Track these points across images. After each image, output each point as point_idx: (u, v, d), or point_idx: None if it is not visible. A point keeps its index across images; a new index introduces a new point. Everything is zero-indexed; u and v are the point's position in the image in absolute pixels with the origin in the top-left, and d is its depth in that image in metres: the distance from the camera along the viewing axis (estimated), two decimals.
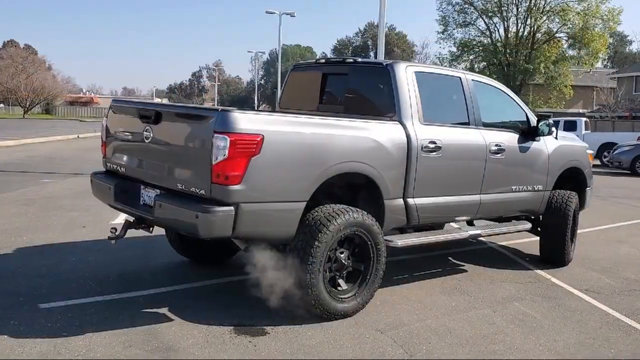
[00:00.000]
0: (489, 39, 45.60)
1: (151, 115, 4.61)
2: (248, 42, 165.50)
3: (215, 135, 4.08)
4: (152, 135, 4.63)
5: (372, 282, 4.91)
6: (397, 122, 5.16)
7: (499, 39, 45.28)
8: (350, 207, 4.73)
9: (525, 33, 44.14)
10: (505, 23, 44.78)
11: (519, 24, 44.40)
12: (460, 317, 5.01)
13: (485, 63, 46.18)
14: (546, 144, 6.59)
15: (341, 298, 4.72)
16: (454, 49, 46.36)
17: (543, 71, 42.51)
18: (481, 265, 6.78)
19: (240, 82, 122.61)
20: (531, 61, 42.92)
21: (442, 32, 45.67)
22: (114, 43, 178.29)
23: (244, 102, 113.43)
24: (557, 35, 44.11)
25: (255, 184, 4.18)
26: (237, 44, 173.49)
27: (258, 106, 67.92)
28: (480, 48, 45.64)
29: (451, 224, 6.81)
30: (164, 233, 6.05)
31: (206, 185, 4.17)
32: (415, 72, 5.42)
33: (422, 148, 5.22)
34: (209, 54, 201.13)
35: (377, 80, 5.48)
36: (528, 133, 6.41)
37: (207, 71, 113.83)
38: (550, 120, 6.41)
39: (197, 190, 4.25)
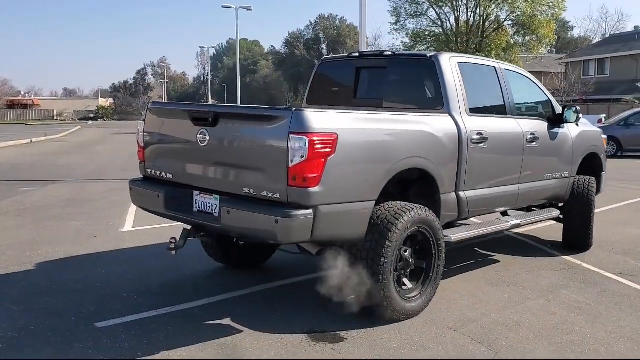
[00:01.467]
0: (440, 28, 46.19)
1: (208, 117, 4.36)
2: (192, 38, 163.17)
3: (292, 136, 3.88)
4: (208, 138, 4.38)
5: (434, 280, 4.81)
6: (447, 115, 5.07)
7: (451, 29, 45.92)
8: (414, 204, 4.62)
9: (476, 22, 44.88)
10: (456, 12, 45.47)
11: (469, 13, 45.20)
12: (519, 309, 4.97)
13: None
14: (570, 131, 6.64)
15: (409, 297, 4.62)
16: (407, 40, 46.80)
17: (495, 58, 43.29)
18: (509, 254, 6.78)
19: (186, 79, 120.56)
20: (482, 49, 43.68)
21: (395, 24, 45.97)
22: (50, 42, 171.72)
23: (192, 98, 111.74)
24: (506, 22, 45.03)
25: (331, 185, 4.01)
26: (181, 40, 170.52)
27: (206, 102, 66.95)
28: (433, 38, 46.17)
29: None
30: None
31: (281, 189, 3.97)
32: (458, 62, 5.35)
33: (471, 140, 5.15)
34: (153, 52, 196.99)
35: (420, 72, 5.38)
36: (554, 120, 6.43)
37: (152, 68, 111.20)
38: (578, 107, 6.45)
39: (269, 195, 4.04)
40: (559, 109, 6.50)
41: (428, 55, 5.32)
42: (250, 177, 4.20)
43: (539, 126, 6.17)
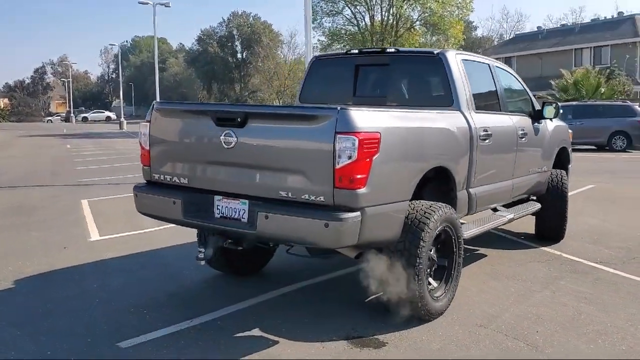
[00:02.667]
0: (356, 27, 46.88)
1: (236, 117, 4.11)
2: (94, 36, 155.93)
3: (339, 136, 3.73)
4: (235, 139, 4.13)
5: (456, 278, 4.81)
6: (458, 112, 5.08)
7: (366, 27, 46.71)
8: (439, 203, 4.59)
9: (390, 21, 45.92)
10: (371, 12, 46.30)
11: (383, 12, 46.18)
12: (532, 302, 5.07)
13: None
14: (547, 127, 6.87)
15: (436, 297, 4.59)
16: (324, 38, 47.17)
17: None
18: (491, 248, 6.93)
19: (88, 77, 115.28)
20: None
21: (312, 22, 46.05)
22: None
23: (98, 98, 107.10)
24: (417, 22, 46.38)
25: (375, 186, 3.91)
26: (82, 37, 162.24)
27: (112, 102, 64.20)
28: (349, 36, 46.79)
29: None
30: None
31: (326, 191, 3.81)
32: (462, 59, 5.39)
33: (479, 137, 5.20)
34: (53, 49, 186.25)
35: (427, 69, 5.37)
36: (534, 116, 6.63)
37: (52, 67, 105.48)
38: (558, 104, 6.68)
39: (312, 197, 3.86)
40: (538, 105, 6.71)
41: (435, 52, 5.31)
42: (287, 180, 4.00)
43: (525, 122, 6.35)
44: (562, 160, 7.62)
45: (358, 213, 3.80)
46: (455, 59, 5.25)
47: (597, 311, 4.86)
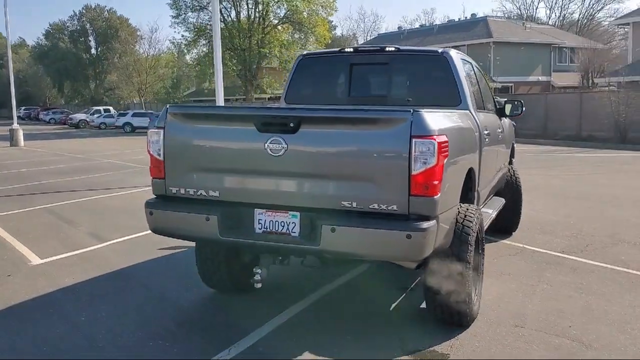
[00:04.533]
0: (222, 23, 45.87)
1: (288, 122, 3.70)
2: None
3: (415, 140, 3.49)
4: (286, 147, 3.72)
5: (482, 279, 4.77)
6: (467, 111, 5.03)
7: (232, 24, 45.94)
8: (471, 205, 4.50)
9: (257, 18, 45.54)
10: (237, 8, 45.62)
11: (249, 9, 45.69)
12: (542, 296, 5.15)
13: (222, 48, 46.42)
14: (507, 124, 7.09)
15: (473, 301, 4.50)
16: (188, 34, 45.70)
17: (278, 55, 44.54)
18: None
19: None
20: (265, 45, 44.57)
21: (177, 17, 44.57)
22: None
23: None
24: (284, 20, 46.47)
25: (444, 191, 3.73)
26: None
27: None
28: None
29: None
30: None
31: (399, 199, 3.56)
32: (461, 58, 5.35)
33: (483, 136, 5.20)
34: None
35: (433, 68, 5.25)
36: (499, 114, 6.80)
37: None
38: (522, 101, 6.90)
39: (383, 207, 3.58)
40: (500, 103, 6.89)
41: (439, 51, 5.21)
42: (351, 189, 3.67)
43: (497, 119, 6.48)
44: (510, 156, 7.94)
45: (434, 221, 3.59)
46: (457, 58, 5.20)
47: (601, 301, 5.05)
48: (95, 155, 20.73)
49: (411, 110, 3.56)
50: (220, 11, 45.17)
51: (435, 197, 3.57)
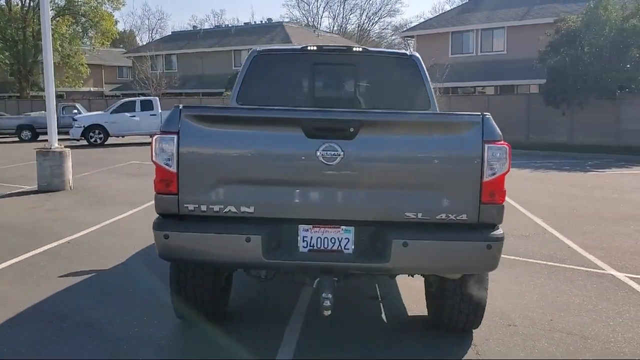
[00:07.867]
0: None
1: (347, 127, 3.22)
2: None
3: (489, 146, 3.29)
4: (342, 155, 3.24)
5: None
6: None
7: (3, 12, 40.70)
8: None
9: (33, 7, 40.94)
10: None
11: None
12: (534, 296, 5.15)
13: None
14: None
15: None
16: None
17: (60, 49, 40.50)
18: None
19: None
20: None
21: None
22: None
23: None
24: (64, 11, 42.53)
25: None
26: None
27: None
28: None
29: None
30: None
31: (469, 208, 3.33)
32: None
33: None
34: None
35: (402, 71, 5.05)
36: None
37: None
38: None
39: (451, 216, 3.32)
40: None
41: (408, 54, 5.06)
42: (416, 198, 3.34)
43: None
44: None
45: (502, 230, 3.44)
46: (422, 61, 5.11)
47: (593, 298, 5.09)
48: None
49: (480, 114, 3.35)
50: None
51: (503, 204, 3.42)
